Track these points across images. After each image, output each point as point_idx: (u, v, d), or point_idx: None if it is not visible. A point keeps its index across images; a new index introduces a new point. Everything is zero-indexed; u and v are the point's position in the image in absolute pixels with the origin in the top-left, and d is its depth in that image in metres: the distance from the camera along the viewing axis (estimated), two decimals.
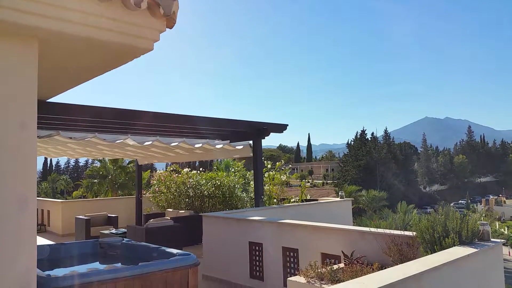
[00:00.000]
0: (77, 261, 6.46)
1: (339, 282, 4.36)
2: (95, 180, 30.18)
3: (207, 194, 13.62)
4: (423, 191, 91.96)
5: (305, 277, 4.77)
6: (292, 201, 13.06)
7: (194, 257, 5.33)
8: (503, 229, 46.75)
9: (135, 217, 14.51)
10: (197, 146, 10.57)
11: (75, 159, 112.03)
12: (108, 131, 8.92)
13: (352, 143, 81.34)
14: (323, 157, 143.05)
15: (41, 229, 14.60)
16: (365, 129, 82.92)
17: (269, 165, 13.54)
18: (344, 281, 4.08)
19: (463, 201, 71.45)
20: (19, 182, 2.51)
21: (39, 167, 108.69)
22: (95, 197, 28.04)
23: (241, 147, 10.80)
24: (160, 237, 8.73)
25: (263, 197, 10.20)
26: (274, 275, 6.80)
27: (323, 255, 6.02)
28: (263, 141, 10.03)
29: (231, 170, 16.29)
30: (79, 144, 9.71)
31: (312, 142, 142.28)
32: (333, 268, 4.93)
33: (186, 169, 14.87)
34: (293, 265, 6.50)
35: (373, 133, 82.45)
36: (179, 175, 14.77)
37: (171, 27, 2.95)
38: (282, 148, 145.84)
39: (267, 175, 13.15)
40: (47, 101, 4.56)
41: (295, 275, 5.35)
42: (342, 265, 5.18)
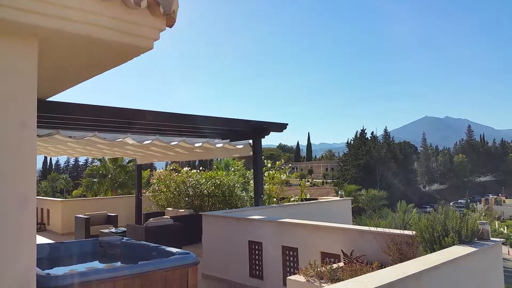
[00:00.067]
0: (77, 260, 6.46)
1: (338, 281, 4.37)
2: (94, 179, 30.19)
3: (206, 193, 13.62)
4: (422, 190, 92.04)
5: (304, 276, 4.78)
6: (291, 200, 13.06)
7: (193, 256, 5.34)
8: (502, 228, 46.85)
9: (135, 216, 14.53)
10: (197, 145, 10.58)
11: (74, 158, 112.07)
12: (108, 130, 8.92)
13: (352, 142, 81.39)
14: (322, 156, 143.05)
15: (41, 228, 14.61)
16: (365, 128, 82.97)
17: (269, 164, 13.54)
18: (343, 280, 4.09)
19: (462, 201, 71.54)
20: (19, 181, 2.51)
21: (39, 166, 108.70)
22: (95, 196, 28.03)
23: (241, 146, 10.80)
24: (159, 236, 8.73)
25: (262, 196, 10.20)
26: (273, 274, 6.80)
27: (322, 254, 6.02)
28: (263, 140, 10.03)
29: (231, 169, 16.29)
30: (79, 143, 9.71)
31: (312, 141, 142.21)
32: (333, 267, 4.93)
33: (186, 168, 14.86)
34: (292, 264, 6.51)
35: (372, 133, 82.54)
36: (179, 174, 14.76)
37: (171, 26, 2.95)
38: (281, 147, 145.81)
39: (267, 174, 13.15)
40: (47, 100, 4.56)
41: (295, 274, 5.36)
42: (341, 264, 5.19)
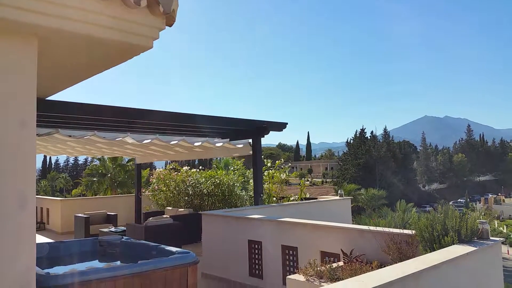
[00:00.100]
0: (77, 259, 6.45)
1: (338, 280, 4.37)
2: (94, 178, 30.19)
3: (206, 192, 13.62)
4: (422, 189, 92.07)
5: (304, 275, 4.78)
6: (291, 199, 13.05)
7: (193, 255, 5.33)
8: (502, 228, 46.90)
9: (134, 215, 14.53)
10: (196, 144, 10.58)
11: (74, 157, 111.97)
12: (107, 129, 8.91)
13: (351, 141, 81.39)
14: (322, 156, 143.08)
15: (41, 227, 14.60)
16: (364, 127, 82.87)
17: (269, 164, 13.54)
18: (343, 279, 4.09)
19: (462, 200, 71.59)
20: (18, 180, 2.51)
21: (38, 165, 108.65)
22: (95, 195, 28.03)
23: (240, 146, 10.81)
24: (159, 235, 8.73)
25: (262, 195, 10.21)
26: (273, 273, 6.81)
27: (322, 253, 6.02)
28: (262, 139, 10.03)
29: (231, 168, 16.29)
30: (78, 142, 9.71)
31: (311, 140, 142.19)
32: (332, 266, 4.94)
33: (185, 168, 14.86)
34: (292, 263, 6.51)
35: (372, 132, 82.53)
36: (179, 173, 14.76)
37: (171, 25, 2.95)
38: (281, 146, 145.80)
39: (267, 173, 13.15)
40: (47, 99, 4.55)
41: (294, 273, 5.36)
42: (341, 264, 5.19)
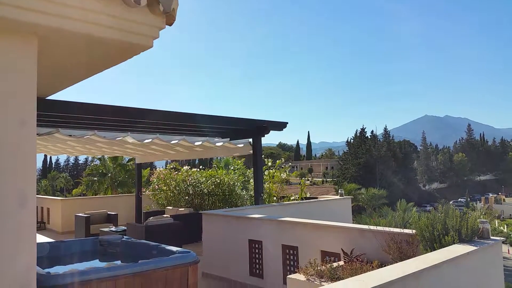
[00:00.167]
0: (77, 259, 6.45)
1: (338, 279, 4.37)
2: (94, 178, 30.17)
3: (207, 192, 13.63)
4: (422, 189, 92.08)
5: (304, 275, 4.78)
6: (292, 199, 13.05)
7: (194, 255, 5.33)
8: (502, 227, 46.89)
9: (135, 215, 14.54)
10: (197, 144, 10.59)
11: (74, 157, 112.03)
12: (107, 128, 8.91)
13: (351, 141, 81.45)
14: (322, 155, 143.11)
15: (41, 227, 14.61)
16: (364, 127, 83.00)
17: (270, 163, 13.55)
18: (343, 279, 4.09)
19: (462, 199, 71.57)
20: (19, 179, 2.51)
21: (39, 164, 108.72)
22: (95, 195, 28.03)
23: (241, 145, 10.81)
24: (159, 235, 8.73)
25: (262, 195, 10.21)
26: (273, 272, 6.81)
27: (322, 252, 6.02)
28: (262, 139, 10.03)
29: (231, 168, 16.29)
30: (79, 141, 9.71)
31: (311, 140, 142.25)
32: (333, 265, 4.93)
33: (185, 167, 14.86)
34: (292, 263, 6.51)
35: (372, 131, 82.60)
36: (179, 173, 14.76)
37: (171, 25, 2.94)
38: (281, 146, 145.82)
39: (267, 173, 13.15)
40: (47, 98, 4.55)
41: (295, 272, 5.36)
42: (341, 263, 5.19)
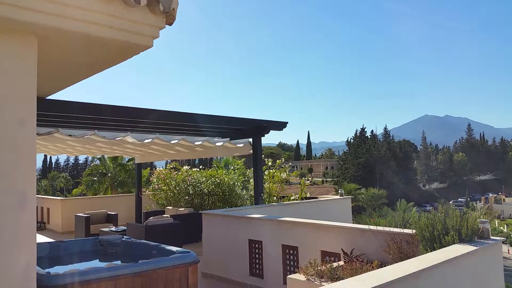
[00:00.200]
0: (77, 259, 6.45)
1: (338, 279, 4.37)
2: (94, 178, 30.16)
3: (207, 191, 13.62)
4: (422, 189, 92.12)
5: (304, 275, 4.78)
6: (292, 199, 13.05)
7: (193, 255, 5.33)
8: (502, 227, 46.91)
9: (135, 214, 14.53)
10: (197, 143, 10.58)
11: (74, 157, 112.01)
12: (107, 128, 8.91)
13: (351, 141, 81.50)
14: (322, 155, 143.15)
15: (41, 227, 14.61)
16: (364, 127, 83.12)
17: (270, 163, 13.54)
18: (343, 279, 4.09)
19: (462, 199, 71.63)
20: (18, 179, 2.50)
21: (39, 164, 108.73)
22: (95, 195, 28.01)
23: (241, 145, 10.80)
24: (159, 235, 8.73)
25: (263, 195, 10.20)
26: (273, 272, 6.81)
27: (322, 252, 6.02)
28: (262, 139, 10.03)
29: (231, 167, 16.28)
30: (79, 141, 9.71)
31: (311, 140, 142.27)
32: (333, 265, 4.93)
33: (185, 167, 14.85)
34: (292, 263, 6.51)
35: (372, 131, 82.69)
36: (179, 172, 14.75)
37: (171, 24, 2.94)
38: (281, 146, 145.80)
39: (267, 173, 13.14)
40: (47, 98, 4.55)
41: (295, 272, 5.36)
42: (341, 263, 5.19)
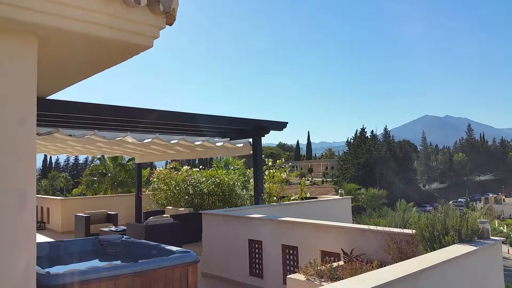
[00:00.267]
0: (77, 259, 6.45)
1: (338, 279, 4.37)
2: (94, 177, 30.16)
3: (207, 191, 13.62)
4: (422, 189, 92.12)
5: (304, 275, 4.78)
6: (292, 199, 13.05)
7: (193, 255, 5.33)
8: (502, 227, 46.94)
9: (135, 214, 14.53)
10: (197, 143, 10.58)
11: (74, 157, 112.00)
12: (107, 128, 8.91)
13: (351, 141, 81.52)
14: (322, 155, 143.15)
15: (41, 227, 14.60)
16: (364, 127, 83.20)
17: (270, 163, 13.55)
18: (343, 279, 4.09)
19: (462, 199, 71.64)
20: (18, 179, 2.50)
21: (39, 164, 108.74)
22: (95, 195, 28.01)
23: (241, 145, 10.80)
24: (159, 235, 8.73)
25: (263, 195, 10.21)
26: (273, 272, 6.81)
27: (322, 252, 6.02)
28: (262, 139, 10.03)
29: (231, 168, 16.28)
30: (79, 141, 9.71)
31: (311, 140, 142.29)
32: (333, 265, 4.94)
33: (185, 167, 14.85)
34: (292, 263, 6.51)
35: (372, 131, 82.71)
36: (179, 172, 14.75)
37: (171, 24, 2.94)
38: (281, 146, 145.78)
39: (267, 173, 13.15)
40: (47, 98, 4.55)
41: (295, 272, 5.36)
42: (341, 263, 5.19)
